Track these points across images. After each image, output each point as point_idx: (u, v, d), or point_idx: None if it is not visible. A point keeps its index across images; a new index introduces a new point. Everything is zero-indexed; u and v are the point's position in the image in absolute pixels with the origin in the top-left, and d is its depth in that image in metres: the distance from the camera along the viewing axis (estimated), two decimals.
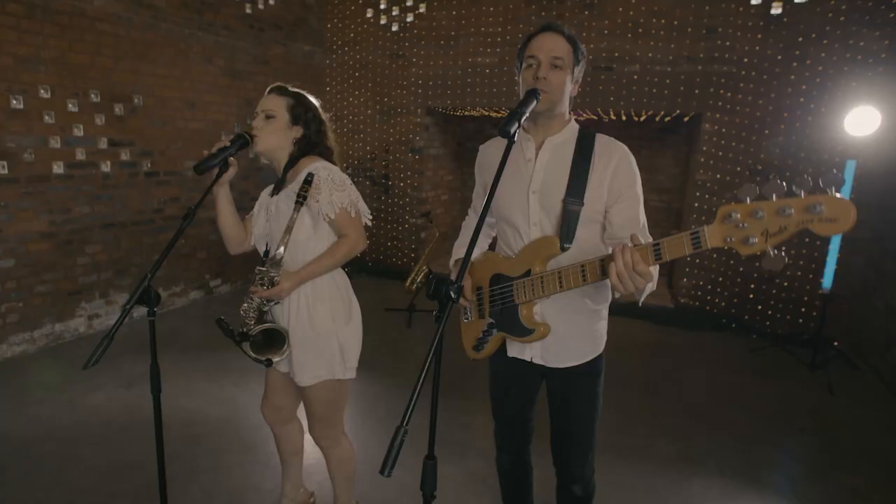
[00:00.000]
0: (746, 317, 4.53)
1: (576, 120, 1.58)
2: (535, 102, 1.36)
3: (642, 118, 5.22)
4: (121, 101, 3.93)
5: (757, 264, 4.27)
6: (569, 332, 1.56)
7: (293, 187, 1.69)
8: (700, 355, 4.09)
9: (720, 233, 1.11)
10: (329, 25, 5.75)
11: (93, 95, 3.75)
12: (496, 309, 1.61)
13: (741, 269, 4.50)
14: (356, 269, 5.68)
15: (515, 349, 1.64)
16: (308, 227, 1.71)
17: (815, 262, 4.28)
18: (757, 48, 4.25)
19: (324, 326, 1.76)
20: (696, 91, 4.44)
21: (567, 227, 1.47)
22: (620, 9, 4.59)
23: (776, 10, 4.19)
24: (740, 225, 1.08)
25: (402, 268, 5.77)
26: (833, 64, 4.06)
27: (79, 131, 3.70)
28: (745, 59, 4.28)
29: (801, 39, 4.12)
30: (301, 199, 1.60)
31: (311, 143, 1.78)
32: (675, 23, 4.44)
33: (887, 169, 3.87)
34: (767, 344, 4.19)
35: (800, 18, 4.12)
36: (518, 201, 1.55)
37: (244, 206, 4.95)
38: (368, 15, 5.56)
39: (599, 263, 1.30)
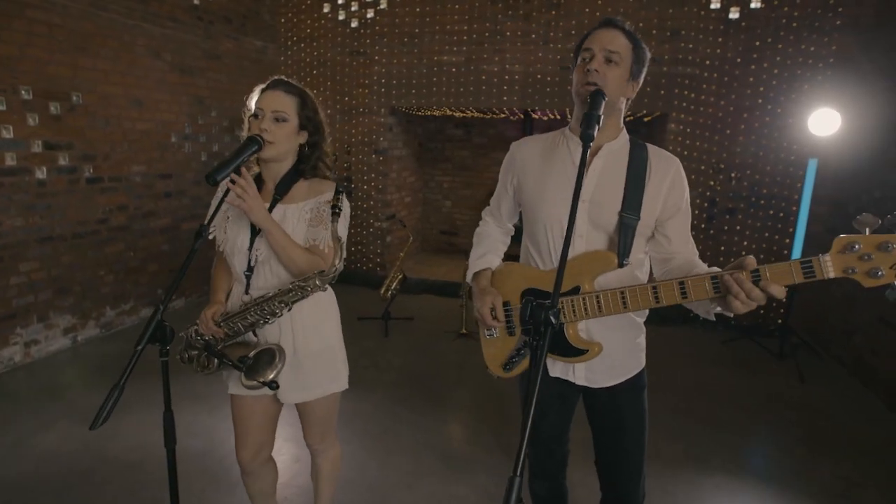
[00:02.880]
0: None
1: (537, 119, 1.52)
2: (604, 102, 1.26)
3: None
4: (57, 99, 3.49)
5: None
6: (615, 349, 1.48)
7: (309, 206, 1.57)
8: (675, 349, 4.18)
9: (840, 263, 1.09)
10: (283, 20, 5.43)
11: (24, 92, 3.30)
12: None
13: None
14: None
15: (559, 369, 1.54)
16: (301, 241, 1.58)
17: (774, 256, 4.50)
18: (718, 51, 4.39)
19: (330, 341, 1.68)
20: (662, 91, 4.54)
21: (624, 242, 1.39)
22: (587, 9, 4.62)
23: (734, 14, 4.35)
24: (865, 257, 1.06)
25: (369, 273, 5.56)
26: (787, 67, 4.27)
27: (8, 133, 3.24)
28: (707, 62, 4.42)
29: (758, 43, 4.31)
30: (337, 209, 1.51)
31: (313, 149, 1.61)
32: (641, 24, 4.51)
33: (838, 167, 4.11)
34: (737, 336, 4.35)
35: (756, 23, 4.30)
36: (563, 211, 1.44)
37: (196, 212, 4.62)
38: (325, 10, 5.30)
39: (711, 281, 1.21)
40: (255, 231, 1.54)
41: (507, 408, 3.15)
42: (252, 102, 1.54)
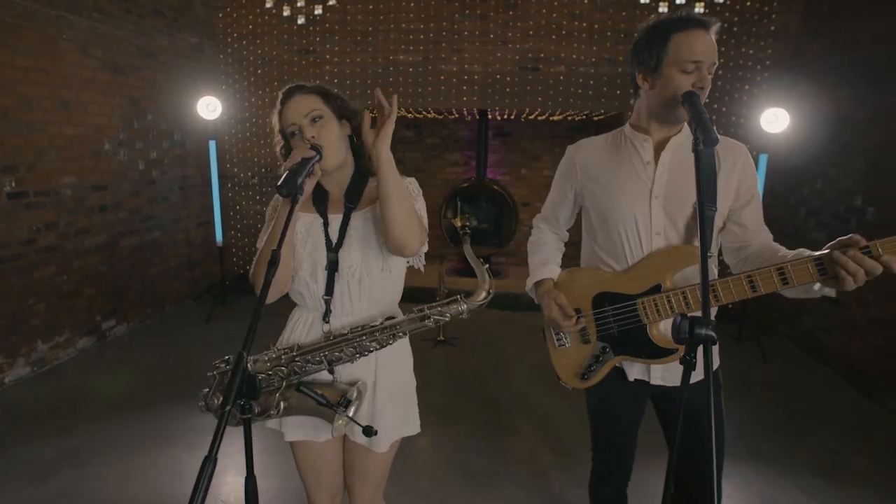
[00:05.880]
0: None
1: (495, 119, 1.48)
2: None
3: (558, 118, 5.39)
4: None
5: None
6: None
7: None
8: None
9: None
10: (221, 15, 5.01)
11: None
12: (609, 332, 1.46)
13: None
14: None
15: (636, 371, 1.50)
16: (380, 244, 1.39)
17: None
18: None
19: (406, 377, 1.49)
20: (618, 91, 4.69)
21: (705, 234, 1.37)
22: (544, 10, 4.67)
23: None
24: None
25: None
26: (730, 69, 4.56)
27: None
28: None
29: None
30: (466, 230, 1.33)
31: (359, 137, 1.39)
32: (596, 26, 4.64)
33: (776, 161, 4.45)
34: None
35: None
36: (637, 209, 1.42)
37: (136, 227, 4.15)
38: (268, 5, 4.96)
39: (814, 264, 1.18)
40: (331, 246, 1.33)
41: (506, 415, 3.09)
42: (278, 127, 1.34)
